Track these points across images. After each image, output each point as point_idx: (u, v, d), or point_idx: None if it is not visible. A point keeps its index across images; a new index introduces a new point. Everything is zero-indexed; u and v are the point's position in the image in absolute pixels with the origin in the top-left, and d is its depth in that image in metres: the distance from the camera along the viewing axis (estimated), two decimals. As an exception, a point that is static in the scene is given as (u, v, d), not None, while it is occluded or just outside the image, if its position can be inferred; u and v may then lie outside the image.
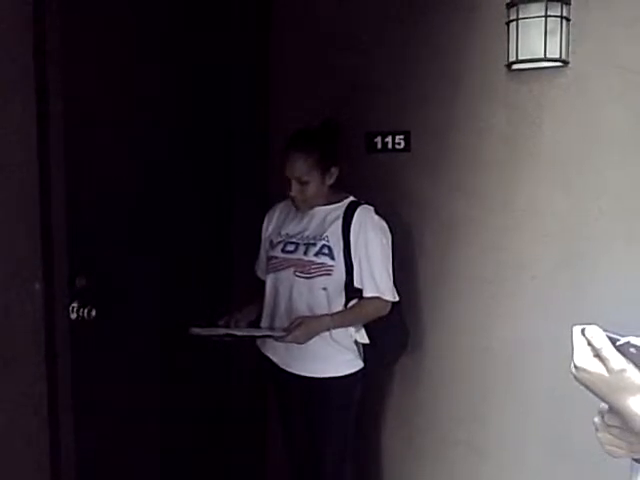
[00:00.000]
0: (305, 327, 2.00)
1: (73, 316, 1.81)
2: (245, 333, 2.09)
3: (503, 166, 2.19)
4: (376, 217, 2.11)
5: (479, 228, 2.25)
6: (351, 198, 2.16)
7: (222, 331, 2.03)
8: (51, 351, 1.55)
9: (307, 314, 2.07)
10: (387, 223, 2.13)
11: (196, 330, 1.99)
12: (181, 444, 2.32)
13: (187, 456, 2.35)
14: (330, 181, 2.13)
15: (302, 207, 2.16)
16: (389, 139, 2.36)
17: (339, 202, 2.15)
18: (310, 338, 2.02)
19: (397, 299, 2.14)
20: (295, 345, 2.03)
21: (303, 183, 2.08)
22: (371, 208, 2.13)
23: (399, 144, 2.35)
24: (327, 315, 2.05)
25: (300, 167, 2.07)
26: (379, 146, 2.39)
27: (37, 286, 1.50)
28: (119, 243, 1.99)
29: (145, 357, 2.13)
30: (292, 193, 2.10)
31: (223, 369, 2.50)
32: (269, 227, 2.28)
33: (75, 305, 1.82)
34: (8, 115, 1.39)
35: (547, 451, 2.19)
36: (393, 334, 2.23)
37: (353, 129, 2.40)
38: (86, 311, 1.84)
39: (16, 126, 1.42)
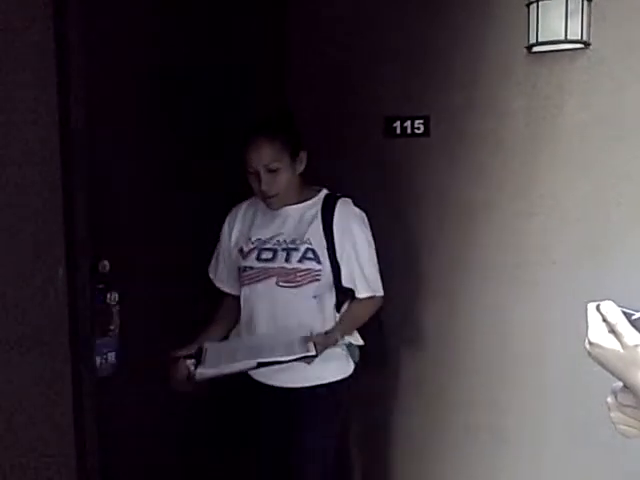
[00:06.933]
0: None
1: (96, 301, 1.84)
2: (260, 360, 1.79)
3: (523, 150, 2.17)
4: (357, 209, 1.95)
5: (499, 213, 2.24)
6: (325, 191, 1.98)
7: (239, 366, 1.79)
8: (74, 336, 1.57)
9: (296, 327, 1.87)
10: (367, 212, 1.98)
11: (203, 372, 1.79)
12: (194, 439, 2.34)
13: (198, 454, 2.37)
14: (300, 168, 1.94)
15: (275, 204, 1.94)
16: (408, 124, 2.35)
17: (313, 197, 1.97)
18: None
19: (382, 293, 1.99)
20: None
21: (273, 171, 1.88)
22: (349, 200, 1.96)
23: (418, 129, 2.34)
24: (335, 333, 1.91)
25: (268, 152, 1.87)
26: (398, 131, 2.38)
27: (60, 271, 1.52)
28: (140, 230, 2.01)
29: (165, 341, 2.15)
30: (263, 187, 1.88)
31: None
32: (232, 233, 2.03)
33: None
34: (31, 103, 1.41)
35: (567, 435, 2.19)
36: (380, 331, 2.09)
37: (372, 114, 2.40)
38: (109, 296, 1.86)
39: (37, 113, 1.44)
